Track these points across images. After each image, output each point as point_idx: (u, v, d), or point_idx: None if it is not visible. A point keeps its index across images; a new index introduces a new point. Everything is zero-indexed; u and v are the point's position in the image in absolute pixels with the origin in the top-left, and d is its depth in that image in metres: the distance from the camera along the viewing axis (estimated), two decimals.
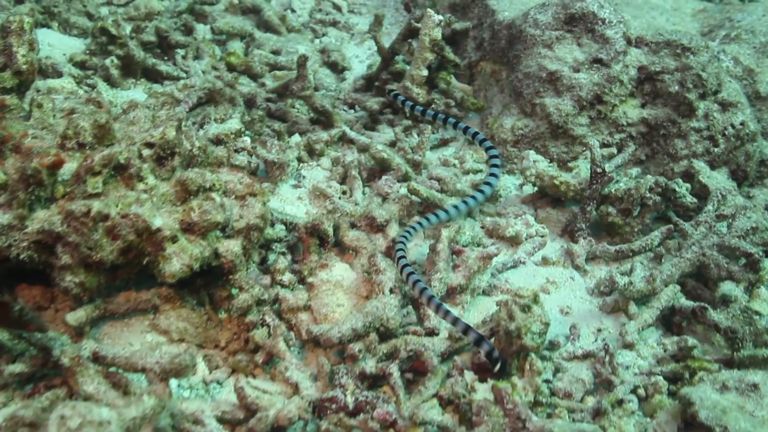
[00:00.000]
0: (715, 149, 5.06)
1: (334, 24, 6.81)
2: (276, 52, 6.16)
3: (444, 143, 5.43)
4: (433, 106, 5.45)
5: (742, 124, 5.05)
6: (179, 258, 3.37)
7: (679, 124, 5.05)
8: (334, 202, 4.50)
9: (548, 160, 5.09)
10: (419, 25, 5.38)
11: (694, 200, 4.68)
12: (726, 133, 5.05)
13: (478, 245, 4.52)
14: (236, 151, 4.87)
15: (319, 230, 4.05)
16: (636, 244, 4.49)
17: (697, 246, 4.25)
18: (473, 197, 4.38)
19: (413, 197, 4.53)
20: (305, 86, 5.21)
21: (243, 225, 3.66)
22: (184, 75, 5.71)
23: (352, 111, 5.66)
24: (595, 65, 5.07)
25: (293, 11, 7.04)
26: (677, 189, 4.58)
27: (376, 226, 4.26)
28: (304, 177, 4.96)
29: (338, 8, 7.06)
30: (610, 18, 5.09)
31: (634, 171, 5.00)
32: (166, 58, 5.98)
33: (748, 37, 5.60)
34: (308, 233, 4.10)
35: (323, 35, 6.72)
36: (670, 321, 4.10)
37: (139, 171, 3.54)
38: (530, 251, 4.54)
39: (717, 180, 4.91)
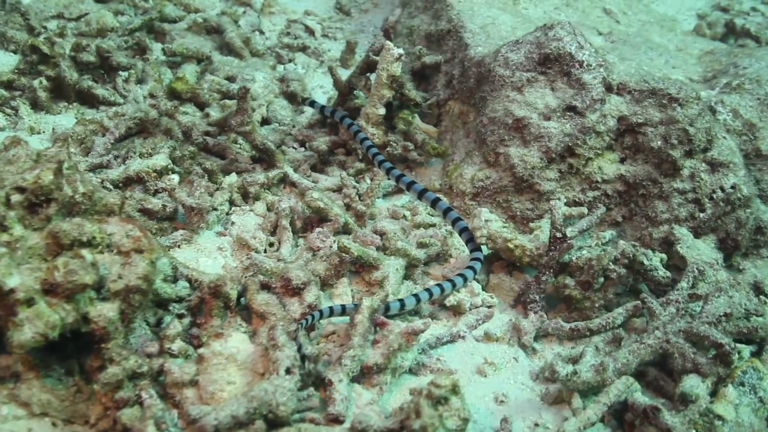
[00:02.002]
0: (701, 214, 4.69)
1: (303, 49, 6.55)
2: (231, 79, 5.91)
3: (400, 190, 5.10)
4: (387, 149, 5.12)
5: (733, 187, 4.68)
6: (32, 325, 3.10)
7: (661, 184, 4.70)
8: (251, 257, 4.19)
9: (505, 219, 4.78)
10: (378, 58, 5.07)
11: (667, 274, 4.32)
12: (714, 196, 4.69)
13: (416, 313, 4.19)
14: (155, 192, 4.59)
15: (220, 292, 3.74)
16: (595, 322, 4.15)
17: (662, 331, 3.88)
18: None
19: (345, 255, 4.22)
20: (245, 121, 4.92)
21: (121, 286, 3.38)
22: (121, 100, 5.45)
23: (302, 149, 5.35)
24: (569, 113, 4.75)
25: (261, 33, 6.78)
26: (645, 262, 4.20)
27: (291, 289, 3.94)
28: (233, 223, 4.67)
29: (311, 32, 6.79)
30: (589, 61, 4.75)
31: (608, 234, 4.67)
32: (108, 80, 5.71)
33: (752, 87, 5.24)
34: (211, 294, 3.79)
35: (289, 61, 6.45)
36: (623, 417, 3.72)
37: (3, 219, 3.27)
38: (472, 324, 4.21)
39: (699, 250, 4.55)
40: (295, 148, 5.32)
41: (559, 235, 4.25)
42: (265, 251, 4.49)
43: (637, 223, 4.81)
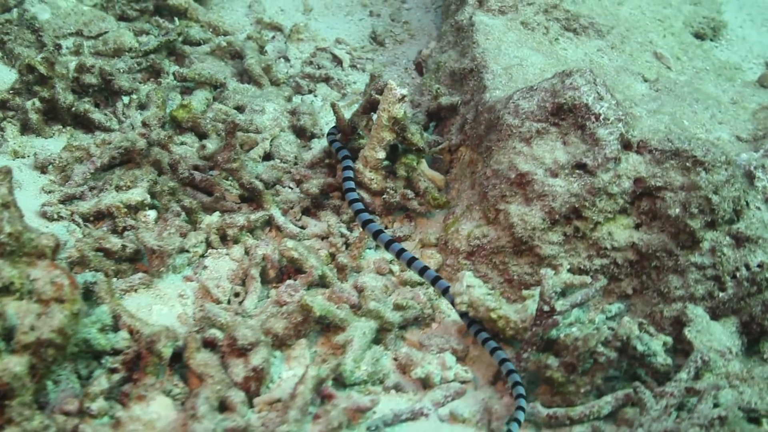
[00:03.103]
0: (721, 294, 4.31)
1: (326, 80, 6.37)
2: (240, 108, 5.78)
3: (397, 240, 4.85)
4: (384, 196, 4.89)
5: (760, 266, 4.28)
6: None
7: (677, 257, 4.34)
8: (204, 309, 4.02)
9: (501, 282, 4.48)
10: (380, 97, 4.86)
11: (668, 361, 3.97)
12: (738, 275, 4.30)
13: (381, 382, 3.96)
14: (123, 229, 4.48)
15: (153, 348, 3.58)
16: (577, 410, 3.83)
17: (645, 429, 3.52)
18: None
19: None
20: (231, 157, 4.78)
21: (32, 339, 3.25)
22: (117, 126, 5.39)
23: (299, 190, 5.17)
24: (578, 171, 4.41)
25: (287, 60, 6.65)
26: (639, 347, 3.85)
27: (237, 349, 3.75)
28: (205, 267, 4.52)
29: (339, 62, 6.61)
30: (607, 114, 4.43)
31: (614, 308, 4.36)
32: (110, 104, 5.67)
33: None
34: (147, 349, 3.64)
35: (310, 92, 6.29)
36: None
37: None
38: (439, 401, 3.93)
39: (712, 335, 4.17)
40: (291, 188, 5.13)
41: (546, 308, 3.95)
42: (229, 302, 4.31)
43: (648, 298, 4.45)
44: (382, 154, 4.89)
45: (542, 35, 5.93)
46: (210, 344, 3.84)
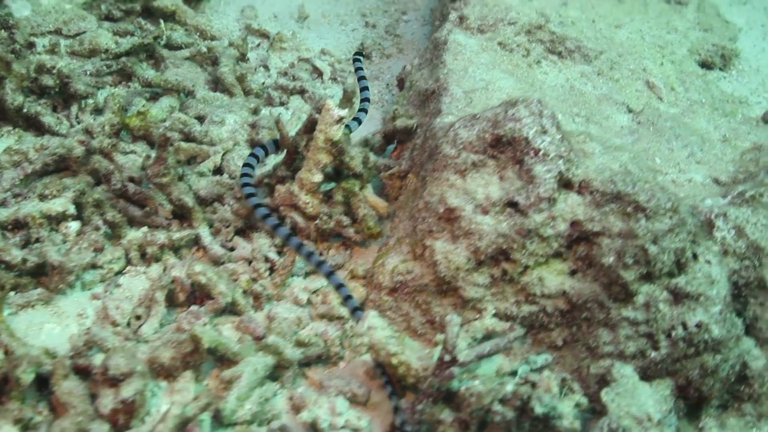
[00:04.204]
0: (654, 353, 4.04)
1: (301, 92, 6.24)
2: (201, 118, 5.69)
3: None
4: (317, 222, 4.74)
5: (698, 325, 3.99)
6: None
7: (609, 310, 4.06)
8: (89, 331, 3.93)
9: (423, 323, 4.28)
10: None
11: (575, 426, 3.70)
12: (673, 334, 4.01)
13: (267, 423, 3.82)
14: (36, 240, 4.43)
15: (12, 373, 3.50)
16: None
17: None
18: None
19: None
20: (161, 171, 4.69)
21: None
22: (65, 131, 5.37)
23: None
24: (509, 209, 4.17)
25: (266, 68, 6.54)
26: (537, 409, 3.60)
27: (109, 379, 3.64)
28: (118, 285, 4.44)
29: (319, 73, 6.48)
30: (547, 149, 4.19)
31: (540, 359, 4.13)
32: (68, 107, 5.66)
33: None
34: (11, 372, 3.57)
35: (282, 104, 6.17)
36: None
37: None
38: None
39: (636, 398, 3.90)
40: (231, 206, 5.01)
41: (448, 357, 3.73)
42: (129, 324, 4.21)
43: (577, 352, 4.19)
44: (318, 177, 4.73)
45: (521, 57, 5.69)
46: (84, 371, 3.73)
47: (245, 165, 4.93)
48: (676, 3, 6.56)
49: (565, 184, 4.23)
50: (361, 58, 5.81)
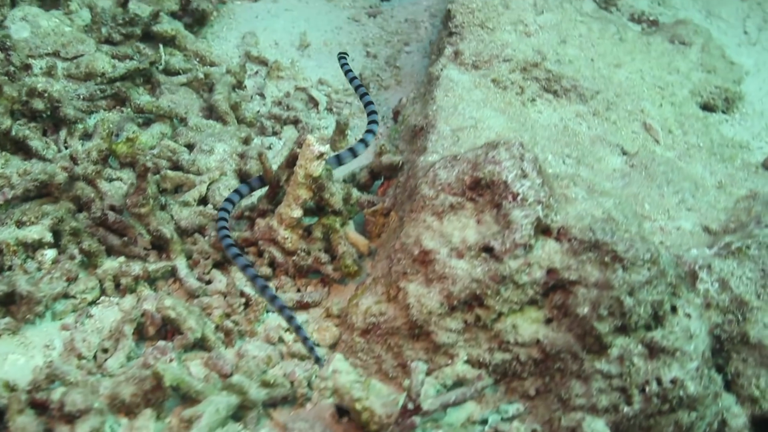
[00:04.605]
0: (626, 408, 3.96)
1: (295, 122, 6.23)
2: (191, 146, 5.69)
3: (303, 306, 4.68)
4: (294, 258, 4.71)
5: (673, 381, 3.91)
6: None
7: (582, 361, 3.98)
8: (51, 364, 3.92)
9: (394, 366, 4.24)
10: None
11: None
12: (647, 389, 3.93)
13: None
14: (8, 268, 4.44)
15: None
16: None
17: None
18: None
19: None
20: (140, 202, 4.68)
21: None
22: (52, 156, 5.39)
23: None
24: (484, 254, 4.12)
25: (262, 96, 6.55)
26: None
27: (65, 416, 3.62)
28: (90, 316, 4.43)
29: (315, 103, 6.47)
30: (526, 194, 4.14)
31: (512, 408, 4.07)
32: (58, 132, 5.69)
33: (758, 254, 4.42)
34: None
35: (274, 134, 6.17)
36: None
37: None
38: None
39: None
40: (211, 237, 4.99)
41: (411, 405, 3.68)
42: (95, 358, 4.20)
43: (550, 402, 4.11)
44: (297, 213, 4.71)
45: (515, 95, 5.65)
46: (41, 406, 3.71)
47: (226, 200, 4.92)
48: (679, 43, 6.50)
49: (543, 230, 4.17)
50: (347, 56, 5.83)
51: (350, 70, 5.66)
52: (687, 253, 4.47)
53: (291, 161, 4.85)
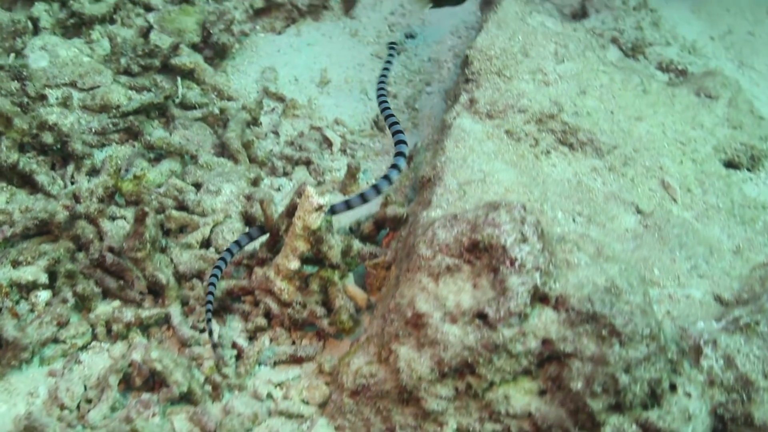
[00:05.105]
0: None
1: (307, 163, 6.19)
2: (198, 185, 5.68)
3: (296, 360, 4.62)
4: (289, 311, 4.66)
5: None
6: None
7: None
8: (31, 417, 3.90)
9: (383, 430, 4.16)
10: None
11: None
12: None
13: None
14: None
15: None
16: None
17: None
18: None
19: None
20: (137, 246, 4.67)
21: None
22: (57, 191, 5.41)
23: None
24: (478, 321, 4.04)
25: (277, 135, 6.53)
26: None
27: None
28: (79, 362, 4.43)
29: (329, 144, 6.43)
30: (525, 260, 4.06)
31: None
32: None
33: None
34: None
35: (285, 174, 6.14)
36: None
37: None
38: None
39: None
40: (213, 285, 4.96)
41: None
42: (78, 408, 4.18)
43: None
44: (295, 265, 4.66)
45: (529, 147, 5.56)
46: None
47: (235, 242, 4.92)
48: (706, 96, 6.35)
49: (541, 298, 4.07)
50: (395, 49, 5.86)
51: (385, 97, 5.67)
52: (693, 325, 4.34)
53: (290, 211, 4.81)
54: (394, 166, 5.14)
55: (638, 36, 7.07)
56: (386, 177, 5.11)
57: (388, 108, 5.60)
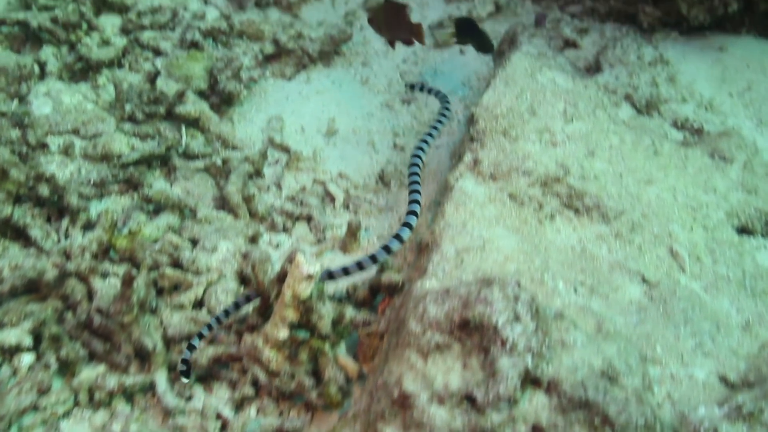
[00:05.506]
0: None
1: (308, 219, 6.12)
2: (195, 241, 5.62)
3: None
4: (277, 382, 4.58)
5: None
6: None
7: None
8: None
9: None
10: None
11: None
12: None
13: None
14: None
15: None
16: None
17: None
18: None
19: None
20: (124, 310, 4.61)
21: None
22: (49, 247, 5.37)
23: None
24: (466, 403, 3.93)
25: (279, 187, 6.47)
26: None
27: None
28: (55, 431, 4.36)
29: (332, 199, 6.36)
30: (517, 341, 3.95)
31: None
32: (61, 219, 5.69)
33: None
34: None
35: (285, 230, 6.07)
36: None
37: None
38: None
39: None
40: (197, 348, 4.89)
41: None
42: None
43: None
44: (284, 334, 4.58)
45: (532, 212, 5.45)
46: None
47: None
48: (720, 158, 6.21)
49: (533, 381, 3.96)
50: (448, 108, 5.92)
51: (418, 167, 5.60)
52: (694, 411, 4.21)
53: (282, 277, 4.73)
54: (397, 236, 5.05)
55: (653, 92, 6.94)
56: (385, 247, 5.02)
57: (417, 182, 5.47)
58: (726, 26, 7.73)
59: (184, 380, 4.63)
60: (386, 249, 4.99)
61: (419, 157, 5.55)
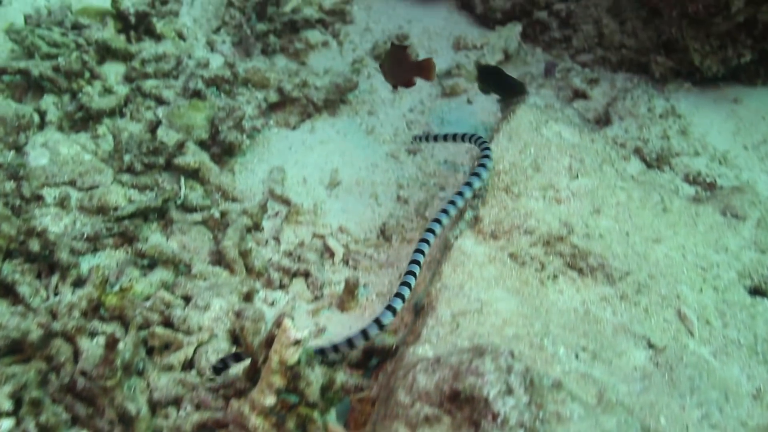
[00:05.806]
0: None
1: (306, 275, 6.01)
2: (188, 299, 5.52)
3: None
4: None
5: None
6: None
7: None
8: None
9: None
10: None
11: None
12: None
13: None
14: None
15: None
16: None
17: None
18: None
19: None
20: (107, 374, 4.50)
21: None
22: (36, 305, 5.28)
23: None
24: None
25: (278, 242, 6.37)
26: None
27: None
28: None
29: (331, 254, 6.25)
30: (509, 415, 3.82)
31: None
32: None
33: None
34: None
35: (281, 287, 5.96)
36: None
37: None
38: None
39: None
40: (186, 412, 4.77)
41: None
42: None
43: None
44: (270, 401, 4.44)
45: (534, 272, 5.31)
46: None
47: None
48: (732, 216, 6.04)
49: None
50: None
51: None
52: None
53: (269, 341, 4.60)
54: (390, 308, 4.90)
55: (664, 145, 6.81)
56: (376, 320, 4.88)
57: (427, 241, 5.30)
58: (741, 77, 7.61)
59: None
60: (377, 323, 4.87)
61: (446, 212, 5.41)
